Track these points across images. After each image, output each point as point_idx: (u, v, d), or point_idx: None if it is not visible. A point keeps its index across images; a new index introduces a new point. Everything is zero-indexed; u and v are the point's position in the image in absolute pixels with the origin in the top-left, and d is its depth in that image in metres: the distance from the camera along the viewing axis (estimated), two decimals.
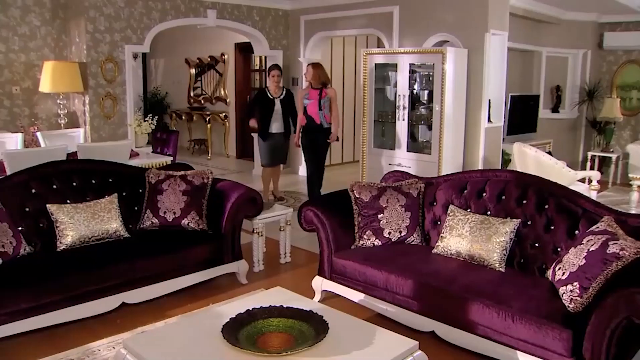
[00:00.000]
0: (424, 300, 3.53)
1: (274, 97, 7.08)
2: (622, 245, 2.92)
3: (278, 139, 7.15)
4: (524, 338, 3.04)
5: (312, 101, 6.69)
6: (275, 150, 7.19)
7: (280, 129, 7.12)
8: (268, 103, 7.06)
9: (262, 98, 7.18)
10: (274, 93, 7.09)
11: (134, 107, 7.81)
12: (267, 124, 7.07)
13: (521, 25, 8.21)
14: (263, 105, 7.11)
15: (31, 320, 3.46)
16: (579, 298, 2.94)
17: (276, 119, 7.08)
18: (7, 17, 7.07)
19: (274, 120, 7.09)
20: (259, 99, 7.24)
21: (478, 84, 6.76)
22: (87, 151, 5.41)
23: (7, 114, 7.23)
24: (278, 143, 7.18)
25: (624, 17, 8.96)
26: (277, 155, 7.27)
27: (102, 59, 7.21)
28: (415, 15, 7.39)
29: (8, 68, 7.16)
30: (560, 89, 9.52)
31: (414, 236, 4.14)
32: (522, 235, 3.72)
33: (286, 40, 9.33)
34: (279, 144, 7.20)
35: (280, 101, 7.08)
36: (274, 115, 7.06)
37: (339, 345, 2.52)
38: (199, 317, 3.10)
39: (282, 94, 7.14)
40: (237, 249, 4.53)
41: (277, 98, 7.09)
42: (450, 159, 6.64)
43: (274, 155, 7.23)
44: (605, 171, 9.07)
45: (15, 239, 3.72)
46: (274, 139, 7.13)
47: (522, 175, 4.12)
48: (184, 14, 7.96)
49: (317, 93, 6.68)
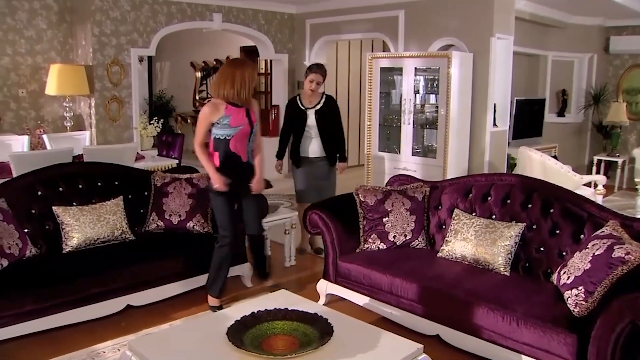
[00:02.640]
0: (428, 304, 3.52)
1: (306, 108, 5.17)
2: (627, 250, 2.91)
3: (317, 165, 5.22)
4: (528, 342, 3.03)
5: (240, 128, 3.87)
6: (313, 179, 5.24)
7: (317, 152, 5.20)
8: (299, 115, 5.19)
9: (291, 111, 5.29)
10: (307, 102, 5.19)
11: (140, 110, 7.83)
12: (297, 144, 5.23)
13: (527, 29, 8.20)
14: (293, 119, 5.26)
15: (36, 322, 3.47)
16: (584, 302, 2.93)
17: (309, 137, 5.18)
18: (14, 20, 7.11)
19: (306, 138, 5.19)
20: (290, 114, 5.33)
21: (483, 87, 6.75)
22: (93, 154, 5.43)
23: (14, 117, 7.27)
24: (317, 170, 5.23)
25: (631, 22, 8.94)
26: (315, 187, 5.23)
27: (108, 62, 7.24)
28: (420, 19, 7.39)
29: (15, 71, 7.20)
30: (566, 93, 9.49)
31: (419, 240, 4.13)
32: (527, 239, 3.71)
33: (292, 44, 9.35)
34: (320, 171, 5.24)
35: (315, 113, 5.14)
36: (306, 133, 5.17)
37: (343, 349, 2.52)
38: (204, 320, 3.10)
39: (320, 102, 5.17)
40: (242, 252, 4.53)
41: (311, 108, 5.16)
42: (456, 163, 6.63)
43: (311, 186, 5.24)
44: (611, 175, 9.04)
45: (21, 241, 3.73)
46: (311, 165, 5.22)
47: (527, 179, 4.11)
48: (190, 17, 7.99)
49: (242, 115, 3.88)
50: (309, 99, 5.17)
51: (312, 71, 5.12)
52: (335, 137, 5.23)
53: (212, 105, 3.82)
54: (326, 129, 5.15)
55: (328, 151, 5.18)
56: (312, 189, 5.20)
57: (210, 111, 3.80)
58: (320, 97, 5.19)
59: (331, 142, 5.19)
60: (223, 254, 3.96)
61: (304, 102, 5.19)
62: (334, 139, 5.21)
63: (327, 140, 5.16)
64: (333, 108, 5.24)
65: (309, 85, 5.10)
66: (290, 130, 5.28)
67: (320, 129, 5.12)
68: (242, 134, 3.86)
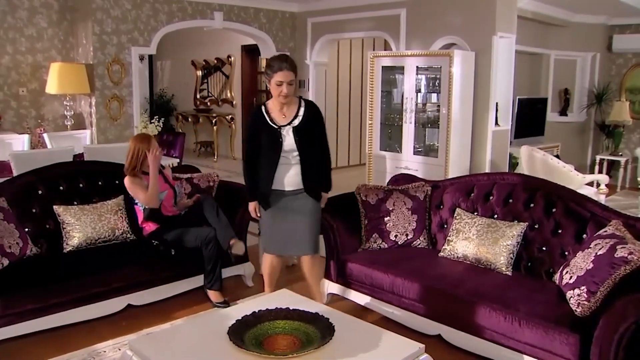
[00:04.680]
0: (430, 304, 3.51)
1: (279, 126, 3.59)
2: (630, 249, 2.89)
3: (296, 200, 3.66)
4: (530, 342, 3.02)
5: (166, 192, 4.20)
6: (290, 220, 3.67)
7: (296, 184, 3.65)
8: (269, 136, 3.61)
9: (257, 130, 3.65)
10: (280, 117, 3.60)
11: (140, 109, 7.82)
12: (267, 174, 3.64)
13: (529, 27, 8.18)
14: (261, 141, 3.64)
15: (37, 322, 3.47)
16: (586, 302, 2.91)
17: (285, 164, 3.62)
18: (15, 19, 7.10)
19: (281, 166, 3.62)
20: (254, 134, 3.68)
21: (485, 86, 6.73)
22: (94, 153, 5.42)
23: (14, 115, 7.26)
24: (296, 207, 3.66)
25: (634, 20, 8.92)
26: (291, 231, 3.69)
27: (109, 61, 7.22)
28: (422, 17, 7.37)
29: (15, 70, 7.20)
30: (569, 92, 9.47)
31: (421, 239, 4.12)
32: (529, 239, 3.70)
33: (293, 43, 9.33)
34: (300, 209, 3.66)
35: (294, 131, 3.58)
36: (281, 159, 3.61)
37: (345, 348, 2.51)
38: (205, 319, 3.09)
39: (298, 115, 3.61)
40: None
41: (287, 125, 3.59)
42: (457, 162, 6.61)
43: (286, 229, 3.69)
44: (614, 175, 9.02)
45: (21, 240, 3.72)
46: (286, 201, 3.66)
47: (530, 178, 4.10)
48: (191, 16, 7.97)
49: (161, 180, 4.16)
50: (281, 112, 3.59)
51: (277, 68, 3.46)
52: (322, 161, 3.73)
53: None
54: (310, 151, 3.61)
55: (312, 182, 3.65)
56: (288, 233, 3.67)
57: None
58: (297, 107, 3.61)
59: (317, 168, 3.68)
60: (212, 251, 4.06)
61: (274, 117, 3.59)
62: (320, 164, 3.71)
63: (311, 167, 3.63)
64: (317, 119, 3.67)
65: (278, 91, 3.48)
66: (256, 158, 3.66)
67: (301, 151, 3.57)
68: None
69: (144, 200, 4.10)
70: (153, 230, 4.16)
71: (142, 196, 4.09)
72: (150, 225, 4.17)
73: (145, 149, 4.13)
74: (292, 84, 3.50)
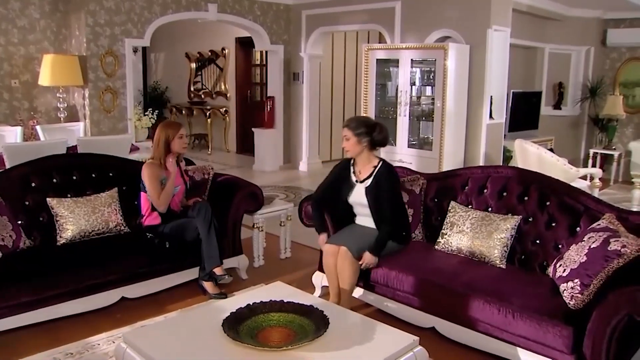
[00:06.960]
0: (424, 297, 3.52)
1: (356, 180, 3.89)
2: (623, 243, 2.91)
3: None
4: (524, 335, 3.03)
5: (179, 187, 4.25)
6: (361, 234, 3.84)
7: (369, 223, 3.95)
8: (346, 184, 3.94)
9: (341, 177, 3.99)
10: (357, 173, 3.91)
11: (134, 101, 7.80)
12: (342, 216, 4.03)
13: (524, 21, 8.18)
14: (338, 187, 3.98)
15: (31, 314, 3.46)
16: (579, 295, 2.93)
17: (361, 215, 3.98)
18: (7, 10, 7.05)
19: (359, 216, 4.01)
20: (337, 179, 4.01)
21: (480, 80, 6.74)
22: (87, 145, 5.40)
23: (7, 107, 7.22)
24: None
25: (629, 14, 8.94)
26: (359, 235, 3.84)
27: (102, 53, 7.18)
28: (417, 10, 7.36)
29: (7, 61, 7.15)
30: (563, 85, 9.50)
31: (416, 233, 4.12)
32: (523, 232, 3.71)
33: (287, 35, 9.30)
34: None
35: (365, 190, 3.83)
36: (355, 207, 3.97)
37: (339, 341, 2.51)
38: (199, 312, 3.09)
39: (372, 174, 3.83)
40: (238, 244, 4.52)
41: (360, 182, 3.88)
42: (452, 155, 6.63)
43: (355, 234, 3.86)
44: (607, 169, 9.07)
45: (15, 233, 3.70)
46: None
47: (524, 172, 4.10)
48: (185, 7, 7.93)
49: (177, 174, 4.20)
50: (359, 167, 3.90)
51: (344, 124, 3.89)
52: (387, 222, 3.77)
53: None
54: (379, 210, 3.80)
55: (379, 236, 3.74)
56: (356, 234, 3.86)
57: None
58: (372, 167, 3.85)
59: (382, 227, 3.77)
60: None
61: (356, 170, 3.91)
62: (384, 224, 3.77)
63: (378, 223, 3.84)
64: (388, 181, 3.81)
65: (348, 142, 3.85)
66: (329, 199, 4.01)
67: (372, 209, 3.82)
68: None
69: (154, 199, 4.03)
70: (153, 223, 4.11)
71: (154, 194, 4.01)
72: (153, 218, 4.11)
73: (172, 135, 4.06)
74: (349, 140, 3.82)
